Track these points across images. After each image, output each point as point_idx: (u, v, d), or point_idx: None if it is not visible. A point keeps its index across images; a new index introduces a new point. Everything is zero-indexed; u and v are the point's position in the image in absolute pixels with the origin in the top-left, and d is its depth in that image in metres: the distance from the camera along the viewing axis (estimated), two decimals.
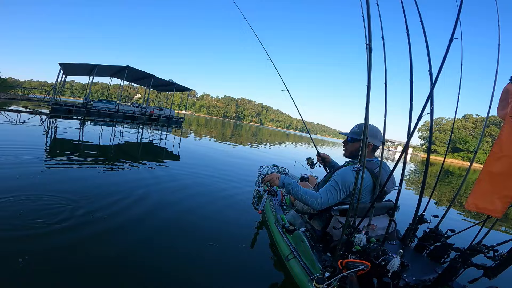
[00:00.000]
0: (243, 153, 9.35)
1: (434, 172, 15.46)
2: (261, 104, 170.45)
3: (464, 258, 1.27)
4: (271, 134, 34.08)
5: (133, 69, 18.87)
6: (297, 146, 18.75)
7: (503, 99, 1.18)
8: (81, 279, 1.58)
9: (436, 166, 20.81)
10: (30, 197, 2.54)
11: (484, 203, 1.12)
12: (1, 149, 4.33)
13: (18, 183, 2.88)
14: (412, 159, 31.88)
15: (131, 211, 2.63)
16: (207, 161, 4.99)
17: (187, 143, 10.14)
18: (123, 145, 7.20)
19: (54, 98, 17.58)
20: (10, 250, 1.72)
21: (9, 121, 8.42)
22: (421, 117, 1.26)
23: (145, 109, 20.84)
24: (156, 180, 3.86)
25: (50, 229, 2.02)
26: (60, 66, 17.38)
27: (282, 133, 51.96)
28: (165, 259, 1.91)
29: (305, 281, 1.55)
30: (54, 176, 3.43)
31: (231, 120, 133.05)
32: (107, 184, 3.39)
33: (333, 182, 1.74)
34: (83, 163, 4.34)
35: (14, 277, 1.50)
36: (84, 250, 1.87)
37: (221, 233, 2.48)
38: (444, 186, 9.42)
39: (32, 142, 5.41)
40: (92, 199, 2.74)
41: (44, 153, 4.72)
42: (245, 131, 29.99)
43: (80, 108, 16.58)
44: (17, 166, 3.51)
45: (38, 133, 7.04)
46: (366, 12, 1.30)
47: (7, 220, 2.06)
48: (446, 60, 1.21)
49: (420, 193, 1.79)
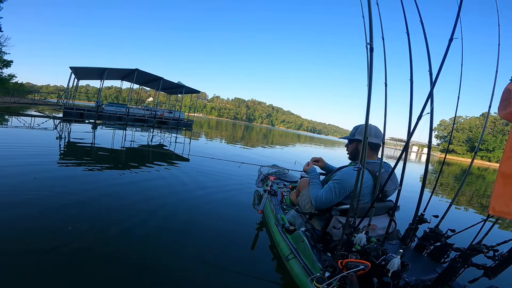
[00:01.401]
0: (252, 154, 9.23)
1: (452, 172, 15.29)
2: (271, 106, 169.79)
3: (464, 258, 1.27)
4: (282, 136, 33.67)
5: (141, 72, 18.88)
6: (305, 147, 18.56)
7: (504, 99, 1.18)
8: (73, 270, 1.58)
9: (454, 166, 20.33)
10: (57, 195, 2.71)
11: (500, 206, 1.06)
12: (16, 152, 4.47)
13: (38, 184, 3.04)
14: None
15: (131, 211, 2.64)
16: (213, 162, 5.07)
17: (196, 146, 9.91)
18: (133, 149, 7.22)
19: (67, 102, 17.92)
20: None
21: (24, 125, 8.65)
22: (421, 117, 1.26)
23: (155, 112, 20.83)
24: (163, 182, 3.91)
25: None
26: (71, 70, 17.52)
27: (293, 134, 51.53)
28: (165, 259, 1.91)
29: (305, 281, 1.55)
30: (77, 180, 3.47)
31: (242, 122, 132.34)
32: (114, 185, 3.43)
33: (332, 183, 1.79)
34: (92, 166, 4.35)
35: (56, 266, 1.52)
36: (78, 243, 1.87)
37: (221, 233, 2.48)
38: (463, 186, 9.15)
39: (47, 146, 5.54)
40: (98, 197, 2.77)
41: (57, 157, 4.74)
42: (256, 133, 29.79)
43: (91, 112, 16.85)
44: (35, 167, 3.65)
45: (52, 137, 7.12)
46: (368, 12, 1.30)
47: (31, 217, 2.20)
48: (446, 60, 1.21)
49: (420, 193, 1.79)
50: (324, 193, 1.80)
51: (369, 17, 1.29)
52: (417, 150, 62.13)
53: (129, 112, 18.64)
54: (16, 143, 5.46)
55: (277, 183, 3.43)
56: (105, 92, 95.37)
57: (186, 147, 9.04)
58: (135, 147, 7.41)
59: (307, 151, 14.95)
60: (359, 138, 1.88)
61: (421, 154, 51.56)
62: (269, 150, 11.61)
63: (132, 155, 6.24)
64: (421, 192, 1.78)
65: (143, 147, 7.65)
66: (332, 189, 1.76)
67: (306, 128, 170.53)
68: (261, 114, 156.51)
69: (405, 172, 1.76)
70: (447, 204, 1.87)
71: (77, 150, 5.73)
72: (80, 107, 17.71)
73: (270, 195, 2.89)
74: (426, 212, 1.89)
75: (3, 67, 26.72)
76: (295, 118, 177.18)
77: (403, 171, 1.79)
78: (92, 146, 6.37)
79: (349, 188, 1.74)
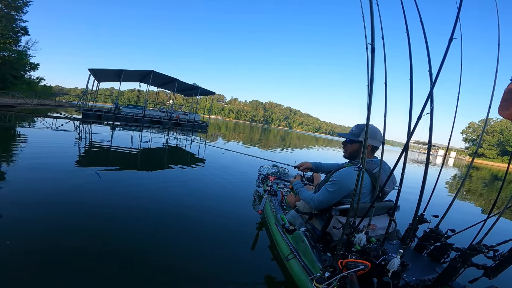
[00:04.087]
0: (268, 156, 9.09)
1: (482, 177, 14.76)
2: (289, 108, 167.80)
3: (464, 258, 1.27)
4: (299, 138, 33.23)
5: (157, 74, 18.95)
6: (324, 150, 18.25)
7: (506, 99, 1.17)
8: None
9: (484, 171, 19.86)
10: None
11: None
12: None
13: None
14: (456, 163, 29.67)
15: (131, 211, 2.65)
16: (223, 164, 5.14)
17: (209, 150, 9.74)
18: (150, 149, 7.27)
19: (87, 104, 18.23)
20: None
21: (47, 127, 9.15)
22: (421, 117, 1.26)
23: (170, 113, 20.82)
24: (167, 183, 3.94)
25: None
26: (89, 72, 17.64)
27: (310, 137, 50.87)
28: (165, 258, 1.92)
29: (305, 281, 1.55)
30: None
31: (259, 124, 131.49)
32: (120, 185, 3.44)
33: (329, 184, 1.79)
34: (101, 167, 4.35)
35: None
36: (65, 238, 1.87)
37: (221, 233, 2.48)
38: (492, 192, 8.68)
39: (64, 146, 5.71)
40: (100, 197, 2.76)
41: (76, 160, 4.75)
42: (273, 135, 29.61)
43: (108, 113, 17.05)
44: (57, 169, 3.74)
45: (71, 138, 7.30)
46: (369, 12, 1.29)
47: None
48: (446, 60, 1.21)
49: (420, 193, 1.79)
50: (321, 194, 1.80)
51: (371, 17, 1.28)
52: (444, 153, 59.65)
53: (145, 114, 18.81)
54: (40, 142, 5.75)
55: (277, 183, 3.42)
56: (128, 95, 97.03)
57: (201, 150, 8.84)
58: (151, 148, 7.51)
59: (326, 154, 14.73)
60: (362, 140, 1.79)
61: (448, 158, 47.33)
62: (287, 153, 11.43)
63: (148, 157, 6.26)
64: (421, 192, 1.78)
65: (157, 150, 7.65)
66: (330, 190, 1.76)
67: (324, 131, 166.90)
68: (278, 116, 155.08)
69: (405, 172, 1.75)
70: (447, 204, 1.86)
71: (93, 151, 5.74)
72: (98, 108, 18.06)
73: (270, 195, 2.89)
74: (426, 212, 1.89)
75: (31, 70, 29.44)
76: (313, 120, 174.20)
77: (403, 171, 1.78)
78: (110, 148, 6.48)
79: (346, 189, 1.73)
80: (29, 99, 19.60)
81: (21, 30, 24.92)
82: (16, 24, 24.00)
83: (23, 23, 24.63)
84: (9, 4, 22.07)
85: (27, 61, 27.57)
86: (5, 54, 23.45)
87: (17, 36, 24.85)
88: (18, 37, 25.10)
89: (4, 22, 21.21)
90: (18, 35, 25.04)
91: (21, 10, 23.57)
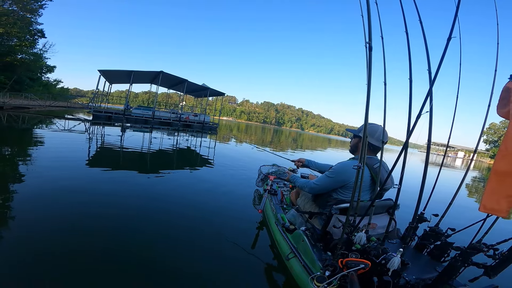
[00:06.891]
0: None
1: (483, 177, 14.44)
2: (301, 109, 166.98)
3: (464, 257, 1.27)
4: (311, 140, 32.77)
5: (166, 74, 18.84)
6: (332, 151, 17.79)
7: (503, 98, 1.18)
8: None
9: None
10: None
11: (491, 203, 1.08)
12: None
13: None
14: (476, 166, 28.96)
15: (131, 211, 2.65)
16: (230, 165, 5.13)
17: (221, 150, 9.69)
18: (158, 152, 7.20)
19: (97, 105, 18.36)
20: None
21: (59, 128, 9.25)
22: (420, 115, 1.26)
23: (180, 115, 20.69)
24: (171, 184, 3.96)
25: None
26: (99, 73, 17.61)
27: (323, 139, 50.06)
28: (164, 258, 1.92)
29: (306, 280, 1.55)
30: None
31: (271, 125, 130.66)
32: (123, 185, 3.46)
33: (329, 172, 1.89)
34: (106, 168, 4.36)
35: None
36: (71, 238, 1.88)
37: (221, 233, 2.47)
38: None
39: (76, 150, 5.71)
40: (102, 196, 2.77)
41: (86, 162, 4.71)
42: (285, 137, 29.31)
43: (118, 114, 17.02)
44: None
45: (82, 140, 7.32)
46: (366, 11, 1.30)
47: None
48: (444, 59, 1.21)
49: (420, 192, 1.79)
50: (319, 178, 1.92)
51: (368, 17, 1.29)
52: (463, 156, 56.67)
53: (155, 115, 18.73)
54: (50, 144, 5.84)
55: (277, 182, 3.42)
56: (142, 97, 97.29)
57: (211, 152, 8.68)
58: (160, 150, 7.52)
59: (337, 155, 14.56)
60: (360, 136, 1.90)
61: (468, 160, 46.47)
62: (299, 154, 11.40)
63: (156, 159, 6.22)
64: (421, 190, 1.78)
65: (166, 151, 7.64)
66: (328, 176, 1.86)
67: (337, 132, 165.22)
68: (290, 118, 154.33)
69: (404, 171, 1.75)
70: (447, 203, 1.86)
71: (105, 152, 5.73)
72: (108, 110, 18.09)
73: (270, 194, 2.89)
74: (426, 211, 1.89)
75: (47, 72, 29.99)
76: (326, 121, 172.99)
77: (403, 169, 1.78)
78: (121, 149, 6.53)
79: (344, 178, 1.80)
80: (43, 101, 19.62)
81: (37, 33, 25.09)
82: (32, 27, 24.07)
83: (38, 25, 24.81)
84: (24, 7, 22.01)
85: (43, 63, 27.72)
86: (21, 56, 23.51)
87: (34, 38, 24.95)
88: (35, 39, 25.23)
89: (20, 24, 21.16)
90: (35, 38, 25.16)
91: (36, 13, 23.58)
